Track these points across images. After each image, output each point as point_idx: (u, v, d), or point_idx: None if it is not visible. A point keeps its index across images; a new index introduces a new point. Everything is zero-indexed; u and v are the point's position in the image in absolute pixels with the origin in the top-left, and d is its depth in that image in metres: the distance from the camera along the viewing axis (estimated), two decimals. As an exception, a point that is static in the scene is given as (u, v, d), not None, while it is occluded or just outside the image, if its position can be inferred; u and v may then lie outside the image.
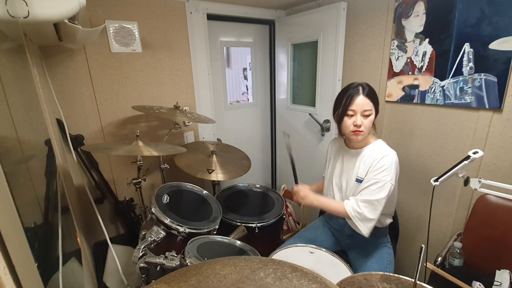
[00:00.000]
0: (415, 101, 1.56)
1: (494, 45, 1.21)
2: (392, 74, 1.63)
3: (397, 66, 1.60)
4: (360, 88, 1.13)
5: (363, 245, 1.30)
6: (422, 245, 0.62)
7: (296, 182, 1.32)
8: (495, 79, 1.24)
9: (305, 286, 0.52)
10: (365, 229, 1.14)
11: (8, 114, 0.56)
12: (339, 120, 1.19)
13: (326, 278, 0.55)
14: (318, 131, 2.13)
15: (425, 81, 1.49)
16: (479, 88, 1.29)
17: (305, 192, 1.27)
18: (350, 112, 1.14)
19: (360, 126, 1.13)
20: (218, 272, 0.56)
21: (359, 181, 1.21)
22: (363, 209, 1.13)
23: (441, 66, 1.41)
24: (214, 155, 1.75)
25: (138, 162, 1.53)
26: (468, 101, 1.34)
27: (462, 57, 1.32)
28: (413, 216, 1.70)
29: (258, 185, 1.86)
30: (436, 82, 1.44)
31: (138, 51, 1.74)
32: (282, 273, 0.56)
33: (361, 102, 1.12)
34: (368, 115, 1.14)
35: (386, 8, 1.60)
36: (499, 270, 1.11)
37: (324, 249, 1.22)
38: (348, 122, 1.15)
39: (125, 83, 1.75)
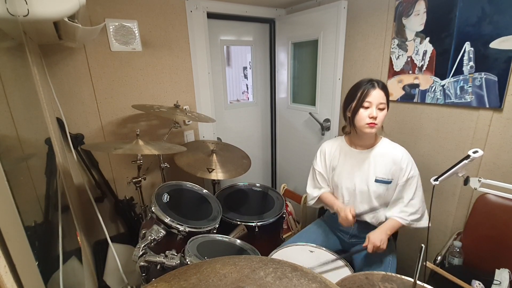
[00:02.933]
0: (415, 100, 1.56)
1: (495, 44, 1.21)
2: (392, 73, 1.63)
3: (398, 65, 1.60)
4: (375, 82, 1.16)
5: None
6: (422, 245, 0.62)
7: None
8: (496, 78, 1.24)
9: (305, 286, 0.52)
10: (426, 223, 1.23)
11: (8, 113, 0.56)
12: (353, 113, 1.19)
13: (326, 278, 0.55)
14: (318, 130, 2.13)
15: (425, 80, 1.49)
16: (480, 87, 1.29)
17: (374, 238, 1.15)
18: (366, 104, 1.15)
19: (375, 118, 1.14)
20: (218, 271, 0.57)
21: (382, 182, 1.22)
22: (416, 210, 1.21)
23: (441, 65, 1.41)
24: (214, 154, 1.75)
25: (138, 161, 1.53)
26: (469, 100, 1.34)
27: (463, 56, 1.32)
28: (413, 215, 1.70)
29: (258, 184, 1.86)
30: (436, 81, 1.44)
31: (138, 50, 1.74)
32: (282, 273, 0.56)
33: (377, 94, 1.14)
34: (383, 109, 1.16)
35: (386, 7, 1.59)
36: (499, 269, 1.11)
37: (324, 248, 1.22)
38: (364, 113, 1.16)
39: (125, 82, 1.75)
